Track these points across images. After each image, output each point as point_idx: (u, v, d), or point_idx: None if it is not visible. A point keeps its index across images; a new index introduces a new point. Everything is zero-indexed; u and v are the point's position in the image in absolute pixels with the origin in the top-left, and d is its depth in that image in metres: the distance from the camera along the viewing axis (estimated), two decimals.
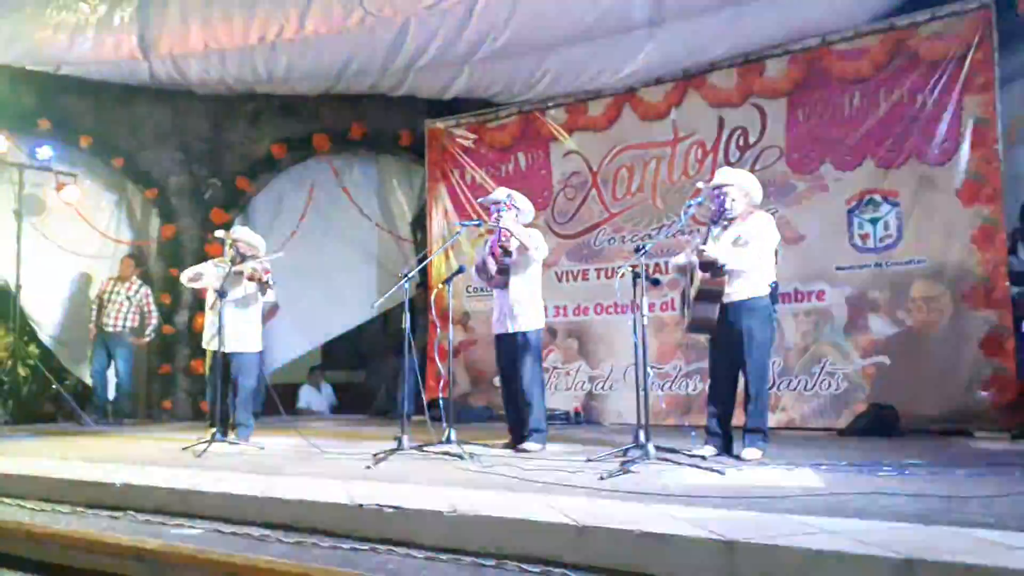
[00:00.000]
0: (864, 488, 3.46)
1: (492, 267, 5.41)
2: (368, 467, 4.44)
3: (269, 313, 8.87)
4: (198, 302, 8.46)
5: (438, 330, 7.10)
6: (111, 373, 8.51)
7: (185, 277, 6.31)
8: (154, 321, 8.64)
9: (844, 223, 6.67)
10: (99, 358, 8.43)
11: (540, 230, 5.83)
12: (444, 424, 5.26)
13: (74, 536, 3.48)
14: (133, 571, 3.17)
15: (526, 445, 5.21)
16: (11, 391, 8.44)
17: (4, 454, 5.40)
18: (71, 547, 3.44)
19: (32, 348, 8.71)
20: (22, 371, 8.53)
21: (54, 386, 8.54)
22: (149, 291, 8.68)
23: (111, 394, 8.61)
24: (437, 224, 9.00)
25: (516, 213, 5.48)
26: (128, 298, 8.46)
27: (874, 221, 6.57)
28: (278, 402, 6.67)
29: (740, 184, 4.73)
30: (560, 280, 8.01)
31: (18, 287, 8.49)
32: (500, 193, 5.56)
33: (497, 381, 5.74)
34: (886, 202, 6.52)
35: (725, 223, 4.72)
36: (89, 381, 8.71)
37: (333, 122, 9.28)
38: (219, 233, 6.41)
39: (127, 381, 8.50)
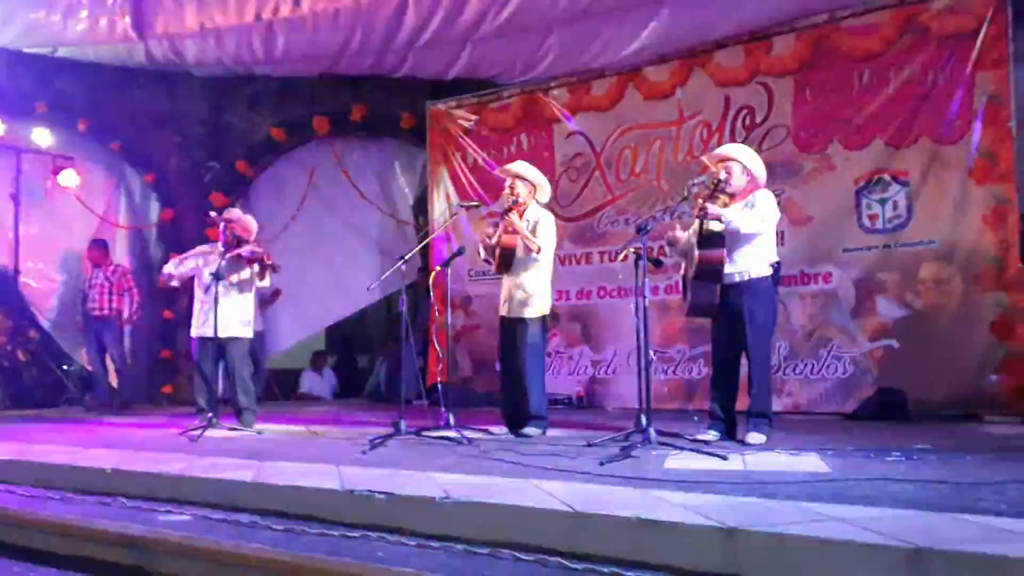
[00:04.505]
0: (872, 474, 3.35)
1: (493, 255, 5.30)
2: (364, 452, 4.36)
3: (271, 297, 8.82)
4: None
5: (437, 314, 7.03)
6: (108, 359, 8.46)
7: (167, 271, 6.25)
8: (136, 300, 8.54)
9: (852, 203, 6.53)
10: (92, 344, 8.37)
11: None
12: (443, 409, 5.17)
13: (61, 523, 3.41)
14: (120, 558, 3.09)
15: (526, 430, 5.12)
16: (11, 376, 8.41)
17: None
18: (58, 534, 3.37)
19: (32, 333, 8.66)
20: (22, 356, 8.50)
21: (57, 370, 8.51)
22: (128, 270, 8.58)
23: (114, 380, 8.58)
24: (439, 207, 8.88)
25: (532, 190, 5.35)
26: (108, 278, 8.35)
27: (883, 201, 6.43)
28: (276, 388, 6.60)
29: (743, 160, 4.59)
30: (563, 263, 7.88)
31: (16, 272, 8.45)
32: (520, 167, 5.41)
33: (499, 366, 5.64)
34: (895, 182, 6.38)
35: (724, 199, 4.59)
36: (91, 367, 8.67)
37: (333, 104, 9.17)
38: (213, 214, 6.31)
39: (122, 365, 8.43)
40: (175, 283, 6.30)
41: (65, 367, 8.91)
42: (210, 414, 5.62)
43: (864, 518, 2.46)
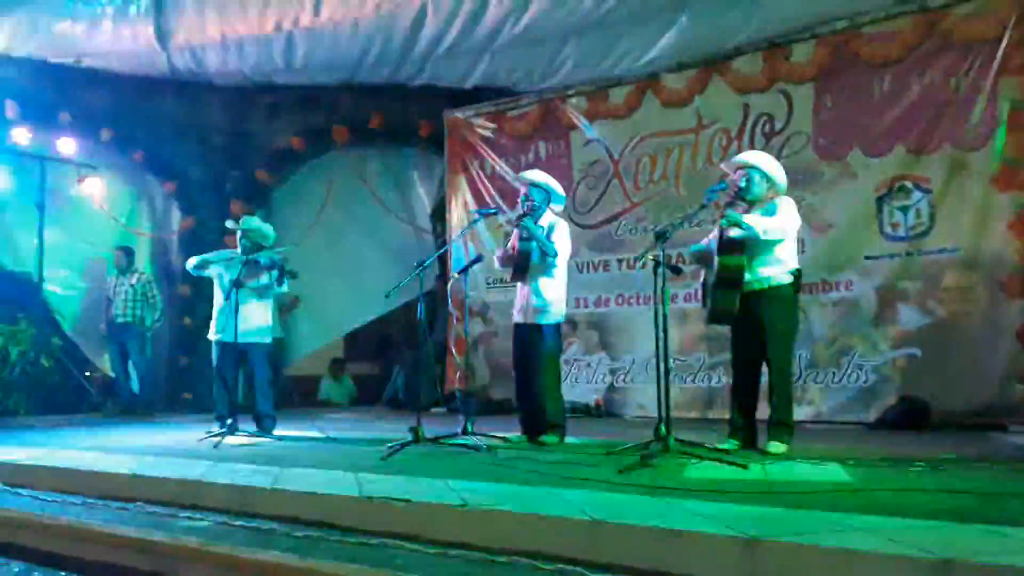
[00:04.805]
0: (896, 484, 3.31)
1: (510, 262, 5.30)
2: (382, 459, 4.36)
3: (290, 305, 8.86)
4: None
5: (455, 321, 7.03)
6: (131, 365, 8.53)
7: (191, 264, 6.22)
8: (159, 308, 8.62)
9: (873, 211, 6.47)
10: (114, 351, 8.46)
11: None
12: (461, 416, 5.16)
13: (82, 528, 3.43)
14: (138, 563, 3.11)
15: (544, 438, 5.09)
16: (35, 382, 8.49)
17: (21, 445, 5.40)
18: (78, 539, 3.39)
19: (55, 340, 8.75)
20: (45, 362, 8.57)
21: (80, 376, 8.58)
22: (152, 279, 8.67)
23: (135, 386, 8.65)
24: (457, 215, 8.90)
25: (547, 197, 5.35)
26: (132, 287, 8.44)
27: (905, 209, 6.37)
28: (295, 394, 6.62)
29: (763, 167, 4.56)
30: (581, 271, 7.87)
31: (40, 279, 8.54)
32: (535, 174, 5.43)
33: None
34: (917, 189, 6.31)
35: (744, 206, 4.56)
36: (113, 374, 8.76)
37: (352, 113, 9.21)
38: (230, 223, 6.35)
39: (144, 372, 8.51)
40: (204, 272, 6.19)
41: (88, 373, 9.00)
42: (230, 420, 5.65)
43: (889, 529, 2.43)
